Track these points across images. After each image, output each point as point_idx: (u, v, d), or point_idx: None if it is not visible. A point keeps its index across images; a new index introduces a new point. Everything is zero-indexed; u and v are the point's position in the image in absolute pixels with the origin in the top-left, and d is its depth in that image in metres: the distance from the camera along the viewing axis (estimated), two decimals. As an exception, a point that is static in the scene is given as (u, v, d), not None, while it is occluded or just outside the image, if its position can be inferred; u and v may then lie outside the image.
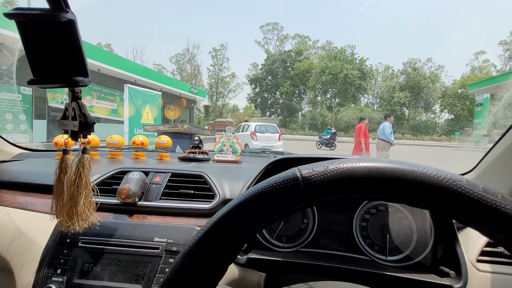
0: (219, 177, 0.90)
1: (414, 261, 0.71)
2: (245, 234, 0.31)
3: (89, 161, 0.46)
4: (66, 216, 0.45)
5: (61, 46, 0.41)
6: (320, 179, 0.30)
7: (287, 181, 0.30)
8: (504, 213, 0.26)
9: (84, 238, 0.72)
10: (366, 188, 0.30)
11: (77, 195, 0.44)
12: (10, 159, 1.23)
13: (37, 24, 0.39)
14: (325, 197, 0.30)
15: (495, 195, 0.27)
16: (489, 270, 0.63)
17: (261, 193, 0.31)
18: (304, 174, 0.30)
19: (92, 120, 0.44)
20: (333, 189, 0.30)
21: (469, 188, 0.28)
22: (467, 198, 0.27)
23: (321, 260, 0.69)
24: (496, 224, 0.27)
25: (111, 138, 1.26)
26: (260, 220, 0.31)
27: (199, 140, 1.28)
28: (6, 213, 0.83)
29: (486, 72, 34.34)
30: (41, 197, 0.89)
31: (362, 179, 0.30)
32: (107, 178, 0.89)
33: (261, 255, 0.69)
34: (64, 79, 0.42)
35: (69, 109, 0.46)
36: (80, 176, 0.44)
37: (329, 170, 0.30)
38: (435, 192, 0.28)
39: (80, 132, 0.44)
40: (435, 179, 0.29)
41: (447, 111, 36.87)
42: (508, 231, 0.26)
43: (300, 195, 0.30)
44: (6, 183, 0.96)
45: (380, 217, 0.77)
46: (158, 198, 0.83)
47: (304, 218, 0.82)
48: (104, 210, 0.82)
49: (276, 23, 44.25)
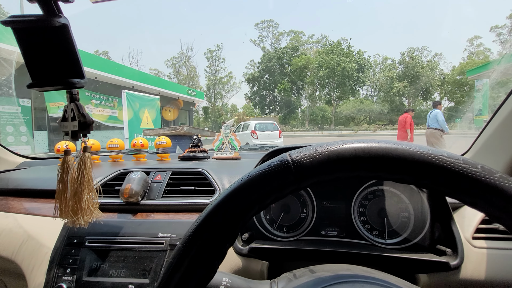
0: (218, 172, 0.92)
1: (413, 243, 0.73)
2: (241, 218, 0.33)
3: (90, 158, 0.48)
4: (71, 212, 0.47)
5: (57, 50, 0.43)
6: (309, 161, 0.31)
7: (278, 165, 0.32)
8: (484, 182, 0.28)
9: (90, 238, 0.74)
10: (354, 168, 0.31)
11: (81, 191, 0.46)
12: (14, 168, 1.25)
13: (32, 30, 0.41)
14: (315, 179, 0.32)
15: (475, 165, 0.29)
16: (484, 246, 0.64)
17: (254, 178, 0.33)
18: (294, 158, 0.31)
19: (91, 119, 0.46)
20: (322, 170, 0.31)
21: (450, 161, 0.29)
22: (448, 170, 0.29)
23: (322, 246, 0.71)
24: (478, 193, 0.28)
25: (112, 142, 1.28)
26: (255, 204, 0.32)
27: (197, 139, 1.30)
28: (14, 219, 0.85)
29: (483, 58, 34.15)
30: (46, 202, 0.91)
31: (349, 159, 0.31)
32: (109, 180, 0.91)
33: (263, 244, 0.71)
34: (62, 81, 0.44)
35: (68, 111, 0.47)
36: (82, 174, 0.46)
37: (317, 153, 0.31)
38: (418, 167, 0.30)
39: (80, 131, 0.46)
40: (418, 154, 0.30)
41: (447, 98, 36.73)
42: (489, 199, 0.28)
43: (291, 178, 0.31)
44: (12, 191, 0.99)
45: (378, 202, 0.79)
46: (160, 196, 0.85)
47: (304, 207, 0.83)
48: (109, 210, 0.84)
49: (271, 20, 44.15)
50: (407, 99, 37.61)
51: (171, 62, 41.74)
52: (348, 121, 36.58)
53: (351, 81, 36.47)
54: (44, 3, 0.42)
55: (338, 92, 38.23)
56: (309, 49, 42.89)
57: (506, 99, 0.77)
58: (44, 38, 0.42)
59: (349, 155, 0.31)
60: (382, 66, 40.88)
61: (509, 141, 0.75)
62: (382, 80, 38.74)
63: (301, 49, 42.52)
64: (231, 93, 43.52)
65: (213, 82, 41.96)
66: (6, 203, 0.93)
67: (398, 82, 36.14)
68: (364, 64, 37.47)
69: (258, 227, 0.81)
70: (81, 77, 0.45)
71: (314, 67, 37.35)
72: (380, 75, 39.64)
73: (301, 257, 0.71)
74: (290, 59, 40.53)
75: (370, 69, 39.29)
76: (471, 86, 22.07)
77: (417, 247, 0.72)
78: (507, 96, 0.77)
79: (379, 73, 40.37)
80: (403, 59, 37.97)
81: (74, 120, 0.46)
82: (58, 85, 0.43)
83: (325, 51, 38.09)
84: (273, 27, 43.81)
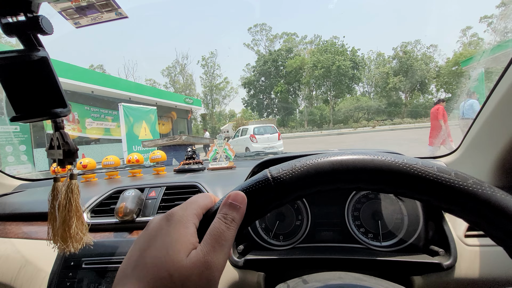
0: (212, 184, 0.93)
1: (408, 243, 0.73)
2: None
3: (77, 186, 0.49)
4: (61, 239, 0.48)
5: (38, 82, 0.44)
6: (289, 177, 0.32)
7: (259, 183, 0.32)
8: (457, 189, 0.28)
9: (87, 260, 0.74)
10: (333, 181, 0.32)
11: (69, 219, 0.47)
12: (11, 191, 1.26)
13: (12, 65, 0.42)
14: (296, 194, 0.33)
15: (448, 173, 0.29)
16: (477, 244, 0.65)
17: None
18: (274, 175, 0.32)
19: (75, 147, 0.47)
20: (302, 185, 0.32)
21: (424, 169, 0.30)
22: (423, 179, 0.29)
23: (318, 253, 0.72)
24: (453, 200, 0.29)
25: (106, 159, 1.29)
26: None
27: (192, 151, 1.31)
28: (11, 244, 0.86)
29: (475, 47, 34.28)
30: (43, 224, 0.92)
31: (327, 172, 0.32)
32: (104, 199, 0.92)
33: (258, 255, 0.72)
34: (45, 112, 0.45)
35: (54, 139, 0.48)
36: (70, 201, 0.47)
37: (296, 168, 0.32)
38: (395, 177, 0.30)
39: (65, 159, 0.46)
40: (393, 164, 0.31)
41: (444, 90, 36.80)
42: (464, 205, 0.28)
43: (271, 195, 0.32)
44: (9, 215, 0.99)
45: (371, 205, 0.79)
46: (155, 213, 0.86)
47: (299, 214, 0.84)
48: (105, 230, 0.85)
49: (263, 23, 44.44)
50: (403, 93, 37.71)
51: (167, 72, 41.95)
52: (347, 119, 36.61)
53: (346, 79, 36.58)
54: (24, 37, 0.43)
55: (334, 90, 38.33)
56: (303, 50, 43.11)
57: (491, 93, 0.78)
58: (24, 72, 0.43)
59: (327, 168, 0.32)
60: (377, 62, 41.03)
61: (497, 136, 0.76)
62: (378, 76, 38.89)
63: (295, 50, 42.72)
64: (229, 99, 43.66)
65: (209, 88, 42.10)
66: (3, 228, 0.94)
67: (393, 77, 36.27)
68: (359, 61, 37.62)
69: (254, 237, 0.81)
70: (63, 106, 0.46)
71: (309, 67, 37.50)
72: (376, 71, 39.80)
73: (297, 266, 0.71)
74: (284, 61, 40.71)
75: (365, 66, 39.44)
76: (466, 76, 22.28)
77: (412, 248, 0.72)
78: (491, 91, 0.78)
79: (374, 69, 40.52)
80: (396, 54, 38.13)
81: (60, 148, 0.47)
82: (42, 116, 0.44)
83: (319, 50, 38.27)
84: (266, 30, 44.08)
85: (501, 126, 0.73)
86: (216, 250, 0.27)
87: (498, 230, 0.27)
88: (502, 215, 0.26)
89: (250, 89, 42.95)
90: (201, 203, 0.32)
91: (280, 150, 10.75)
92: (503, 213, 0.26)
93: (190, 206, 0.31)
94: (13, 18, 0.43)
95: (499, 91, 0.73)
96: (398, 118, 32.67)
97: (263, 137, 11.00)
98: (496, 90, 0.74)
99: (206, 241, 0.28)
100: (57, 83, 0.45)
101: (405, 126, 24.41)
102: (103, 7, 0.64)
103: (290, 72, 39.51)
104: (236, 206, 0.30)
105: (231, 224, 0.29)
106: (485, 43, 27.22)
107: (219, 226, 0.29)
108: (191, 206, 0.31)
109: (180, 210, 0.30)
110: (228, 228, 0.29)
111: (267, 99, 43.05)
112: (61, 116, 0.46)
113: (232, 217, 0.29)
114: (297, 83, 40.44)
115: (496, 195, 0.27)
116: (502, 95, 0.71)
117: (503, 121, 0.73)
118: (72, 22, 0.68)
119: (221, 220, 0.29)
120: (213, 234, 0.28)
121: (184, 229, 0.28)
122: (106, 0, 0.62)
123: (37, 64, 0.42)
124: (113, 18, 0.68)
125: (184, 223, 0.28)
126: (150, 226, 0.30)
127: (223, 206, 0.30)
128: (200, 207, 0.31)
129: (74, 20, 0.67)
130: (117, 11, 0.66)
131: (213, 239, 0.28)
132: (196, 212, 0.30)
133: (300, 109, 42.43)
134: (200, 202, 0.32)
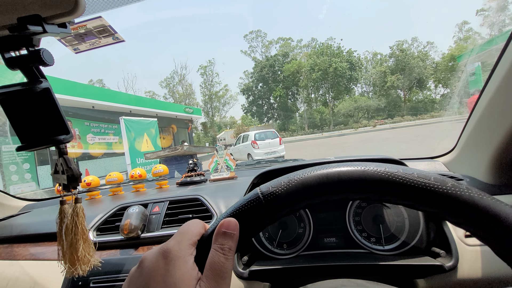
0: (214, 197, 0.94)
1: (410, 246, 0.74)
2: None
3: (82, 209, 0.51)
4: (69, 262, 0.49)
5: (41, 111, 0.46)
6: (278, 194, 0.33)
7: (250, 202, 0.34)
8: (437, 192, 0.30)
9: (95, 279, 0.75)
10: (320, 194, 0.34)
11: (76, 242, 0.49)
12: (17, 213, 1.28)
13: (17, 97, 0.44)
14: (287, 209, 0.34)
15: (428, 178, 0.31)
16: (478, 243, 0.65)
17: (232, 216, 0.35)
18: (264, 193, 0.34)
19: (78, 172, 0.49)
20: (291, 200, 0.33)
21: (404, 176, 0.31)
22: (404, 185, 0.31)
23: (322, 260, 0.72)
24: (434, 203, 0.30)
25: (110, 176, 1.31)
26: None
27: (193, 163, 1.32)
28: (20, 266, 0.87)
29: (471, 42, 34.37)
30: (50, 245, 0.93)
31: (314, 187, 0.33)
32: (109, 217, 0.93)
33: (263, 265, 0.72)
34: (49, 140, 0.46)
35: (58, 164, 0.50)
36: (75, 225, 0.49)
37: (283, 185, 0.34)
38: (378, 185, 0.32)
39: (69, 184, 0.48)
40: (376, 174, 0.32)
41: (442, 86, 36.82)
42: (446, 208, 0.30)
43: (263, 212, 0.33)
44: (16, 237, 1.01)
45: (372, 209, 0.80)
46: (160, 228, 0.87)
47: (301, 222, 0.85)
48: (111, 247, 0.86)
49: (259, 30, 44.97)
50: (402, 91, 37.75)
51: (165, 83, 42.32)
52: (347, 119, 36.60)
53: (344, 80, 36.73)
54: (26, 70, 0.45)
55: (333, 92, 38.46)
56: (299, 54, 43.43)
57: (483, 90, 0.78)
58: (28, 103, 0.45)
59: (313, 182, 0.33)
60: (374, 62, 41.21)
61: (491, 133, 0.77)
62: (375, 75, 38.99)
63: (291, 54, 43.06)
64: (228, 106, 43.88)
65: (209, 97, 42.36)
66: (11, 250, 0.95)
67: (391, 75, 36.37)
68: (355, 62, 37.81)
69: (258, 247, 0.82)
70: (66, 132, 0.47)
71: (307, 71, 37.73)
72: (373, 70, 39.93)
73: (302, 274, 0.72)
74: (281, 65, 41.01)
75: (362, 66, 39.62)
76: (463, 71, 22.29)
77: (415, 251, 0.73)
78: (483, 88, 0.78)
79: (371, 68, 40.67)
80: (393, 53, 38.30)
81: (64, 173, 0.49)
82: (46, 144, 0.46)
83: (315, 53, 38.56)
84: (261, 37, 44.54)
85: (494, 123, 0.74)
86: (220, 283, 0.28)
87: (480, 229, 0.28)
88: (482, 215, 0.28)
89: (249, 95, 43.20)
90: (194, 231, 0.32)
91: (282, 155, 10.72)
92: (484, 213, 0.27)
93: (184, 237, 0.30)
94: (16, 53, 0.45)
95: (490, 87, 0.74)
96: (398, 116, 32.64)
97: (264, 142, 11.02)
98: (487, 86, 0.75)
99: (209, 276, 0.28)
100: (60, 111, 0.47)
101: (405, 124, 24.35)
102: (101, 33, 0.67)
103: (287, 76, 39.75)
104: (230, 234, 0.30)
105: (229, 253, 0.29)
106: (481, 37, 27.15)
107: (218, 260, 0.29)
108: (185, 237, 0.31)
109: (175, 245, 0.29)
110: (226, 259, 0.29)
111: (266, 104, 43.24)
112: (64, 143, 0.48)
113: (228, 246, 0.30)
114: (295, 87, 40.64)
115: (474, 196, 0.28)
116: (493, 91, 0.72)
117: (496, 118, 0.74)
118: (71, 48, 0.70)
119: (219, 252, 0.29)
120: (214, 268, 0.28)
121: (184, 265, 0.28)
122: (103, 27, 0.65)
123: (40, 94, 0.45)
124: (111, 43, 0.70)
125: (182, 257, 0.28)
126: (145, 263, 0.29)
127: (217, 236, 0.30)
128: (194, 235, 0.31)
129: (74, 46, 0.70)
130: (114, 36, 0.69)
131: (215, 274, 0.28)
132: (191, 242, 0.30)
133: (300, 112, 42.54)
134: (192, 230, 0.32)
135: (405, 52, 36.87)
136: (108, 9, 0.60)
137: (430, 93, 38.25)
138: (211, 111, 42.47)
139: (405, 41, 39.02)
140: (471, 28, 37.17)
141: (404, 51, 37.08)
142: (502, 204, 0.28)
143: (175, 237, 0.31)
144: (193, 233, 0.31)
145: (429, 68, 36.05)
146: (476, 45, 4.42)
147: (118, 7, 0.60)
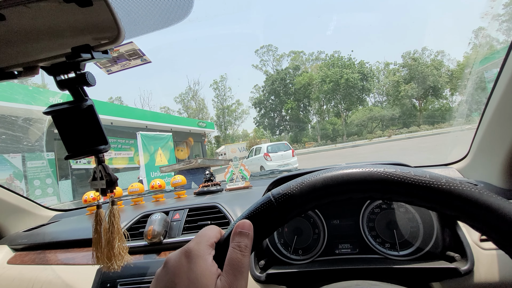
0: (231, 204, 0.99)
1: (425, 251, 0.74)
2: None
3: (118, 210, 0.57)
4: (106, 258, 0.55)
5: (85, 125, 0.53)
6: (288, 196, 0.37)
7: (263, 205, 0.38)
8: (433, 188, 0.33)
9: (121, 281, 0.81)
10: (327, 195, 0.37)
11: (112, 240, 0.54)
12: (48, 222, 1.37)
13: (66, 114, 0.52)
14: (297, 210, 0.38)
15: (423, 175, 0.34)
16: (493, 247, 0.65)
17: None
18: (276, 196, 0.38)
19: (115, 177, 0.55)
20: (300, 202, 0.37)
21: (402, 175, 0.35)
22: (402, 183, 0.34)
23: (336, 265, 0.74)
24: (431, 199, 0.33)
25: (132, 186, 1.38)
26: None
27: (210, 173, 1.38)
28: (52, 270, 0.94)
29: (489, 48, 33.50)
30: (79, 251, 1.00)
31: (321, 189, 0.37)
32: (133, 224, 0.99)
33: (280, 269, 0.75)
34: (91, 150, 0.53)
35: (97, 171, 0.57)
36: (112, 224, 0.55)
37: (292, 188, 0.38)
38: (379, 185, 0.35)
39: (108, 188, 0.54)
40: (376, 174, 0.36)
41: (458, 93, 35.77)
42: (442, 202, 0.33)
43: (276, 214, 0.37)
44: (48, 244, 1.08)
45: (385, 215, 0.81)
46: (180, 234, 0.92)
47: (315, 228, 0.87)
48: (136, 252, 0.91)
49: (270, 44, 45.92)
50: (417, 100, 36.96)
51: (180, 98, 43.59)
52: (361, 130, 36.07)
53: (356, 91, 36.51)
54: (73, 91, 0.53)
55: (345, 103, 38.22)
56: (311, 66, 43.76)
57: (490, 95, 0.80)
58: (75, 118, 0.52)
59: (320, 185, 0.37)
60: (386, 72, 40.83)
61: (502, 138, 0.77)
62: (388, 85, 38.53)
63: (302, 67, 43.49)
64: (240, 120, 44.42)
65: (221, 111, 43.15)
66: (44, 256, 1.02)
67: (404, 84, 35.81)
68: (367, 72, 37.63)
69: (274, 253, 0.85)
70: (105, 143, 0.54)
71: (318, 83, 37.85)
72: (385, 80, 39.51)
73: (318, 278, 0.74)
74: (293, 78, 41.41)
75: (374, 76, 39.33)
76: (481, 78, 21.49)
77: (430, 256, 0.73)
78: (490, 92, 0.80)
79: (384, 78, 40.27)
80: (405, 62, 37.87)
81: (102, 179, 0.55)
82: (88, 154, 0.53)
83: (326, 65, 38.74)
84: (272, 51, 45.40)
85: (504, 127, 0.75)
86: (238, 277, 0.31)
87: (478, 222, 0.31)
88: (478, 208, 0.30)
89: (260, 108, 43.65)
90: (211, 235, 0.35)
91: (295, 167, 10.65)
92: (479, 205, 0.30)
93: (202, 239, 0.34)
94: (65, 76, 0.53)
95: (497, 92, 0.75)
96: (414, 125, 31.83)
97: (277, 154, 11.03)
98: (494, 91, 0.77)
99: (228, 271, 0.31)
100: (100, 125, 0.54)
101: (422, 134, 23.65)
102: (131, 56, 0.76)
103: (299, 89, 40.00)
104: (246, 233, 0.34)
105: (245, 251, 0.33)
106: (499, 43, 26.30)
107: (236, 256, 0.32)
108: (203, 239, 0.34)
109: (195, 245, 0.33)
110: (243, 256, 0.32)
111: (278, 117, 43.45)
112: (103, 152, 0.55)
113: (244, 244, 0.33)
114: (306, 99, 40.73)
115: (465, 189, 0.31)
116: (500, 95, 0.73)
117: (505, 123, 0.75)
118: (105, 70, 0.79)
119: (236, 250, 0.32)
120: (232, 264, 0.31)
121: (204, 262, 0.31)
122: (133, 50, 0.74)
123: (85, 111, 0.52)
124: (139, 64, 0.79)
125: (202, 256, 0.32)
126: (169, 263, 0.32)
127: (234, 235, 0.34)
128: (211, 238, 0.35)
129: (107, 68, 0.79)
130: (142, 58, 0.77)
131: (234, 268, 0.31)
132: (209, 243, 0.34)
133: (312, 124, 42.38)
134: (210, 234, 0.35)
135: (417, 60, 36.38)
136: (138, 35, 0.68)
137: (447, 101, 37.20)
138: (223, 125, 43.12)
139: (416, 51, 38.59)
140: (489, 35, 36.31)
141: (417, 59, 36.59)
142: (494, 196, 0.30)
143: (194, 239, 0.34)
144: (210, 236, 0.35)
145: (444, 76, 35.26)
146: (493, 51, 4.38)
147: (147, 34, 0.68)
